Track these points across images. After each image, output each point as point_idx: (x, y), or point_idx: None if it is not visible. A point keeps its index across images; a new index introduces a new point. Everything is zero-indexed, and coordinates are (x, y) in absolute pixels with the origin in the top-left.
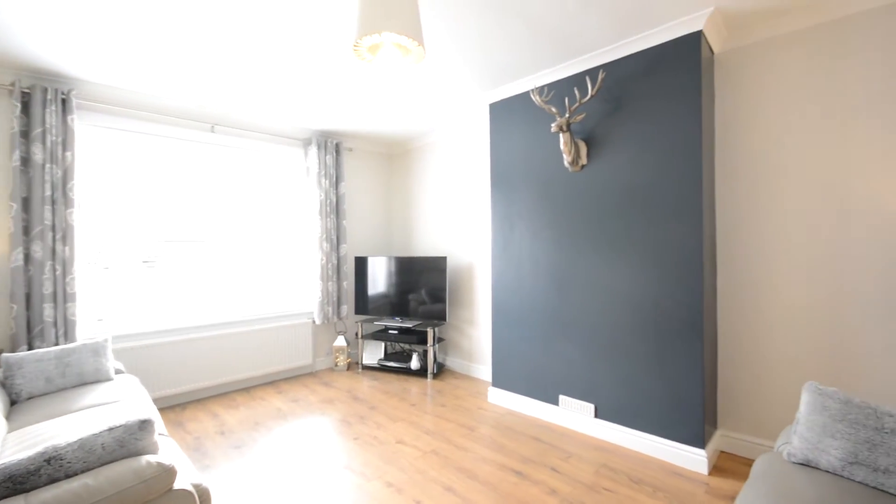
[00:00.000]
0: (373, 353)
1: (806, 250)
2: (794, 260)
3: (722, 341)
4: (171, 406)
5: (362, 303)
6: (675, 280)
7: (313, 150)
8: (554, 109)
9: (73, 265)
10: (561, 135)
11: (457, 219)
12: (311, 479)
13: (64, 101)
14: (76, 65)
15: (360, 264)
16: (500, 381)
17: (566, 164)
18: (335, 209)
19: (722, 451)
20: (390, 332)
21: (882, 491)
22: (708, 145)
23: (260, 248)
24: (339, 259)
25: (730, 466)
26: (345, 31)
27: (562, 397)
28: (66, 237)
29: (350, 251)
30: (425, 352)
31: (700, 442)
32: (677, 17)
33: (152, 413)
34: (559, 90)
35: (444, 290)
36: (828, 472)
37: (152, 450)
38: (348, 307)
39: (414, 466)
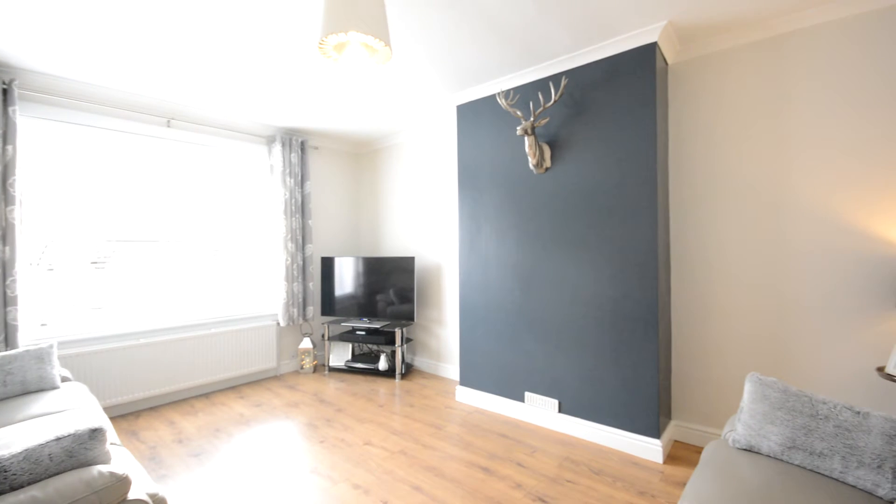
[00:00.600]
0: (340, 355)
1: (749, 251)
2: (739, 260)
3: (675, 337)
4: (124, 415)
5: (329, 304)
6: (633, 279)
7: (277, 147)
8: (519, 113)
9: (14, 266)
10: (526, 138)
11: (425, 219)
12: (275, 484)
13: (5, 92)
14: (19, 52)
15: (327, 265)
16: (467, 379)
17: (531, 166)
18: (300, 208)
19: (676, 441)
20: (358, 333)
21: (817, 473)
22: (662, 151)
23: (221, 249)
24: (304, 259)
25: (683, 454)
26: (310, 28)
27: (527, 394)
28: (6, 236)
29: (316, 251)
30: (393, 352)
31: (655, 432)
32: (633, 28)
33: (103, 422)
34: (524, 94)
35: (413, 290)
36: (769, 456)
37: (104, 459)
38: (314, 308)
39: (382, 467)
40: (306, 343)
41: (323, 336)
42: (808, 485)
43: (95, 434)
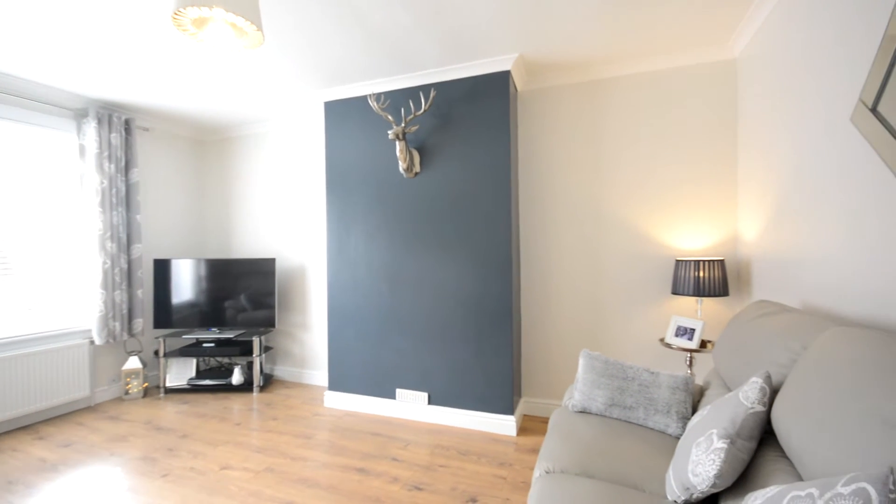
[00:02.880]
0: (180, 373)
1: (577, 252)
2: (570, 260)
3: (524, 326)
4: None
5: (164, 314)
6: (492, 277)
7: (91, 124)
8: (390, 118)
9: None
10: (397, 142)
11: (288, 218)
12: None
13: None
14: None
15: (162, 268)
16: (337, 383)
17: (401, 170)
18: (124, 201)
19: (525, 415)
20: (205, 345)
21: (629, 422)
22: (514, 165)
23: (5, 251)
24: (130, 262)
25: (531, 425)
26: None
27: (398, 390)
28: None
29: (147, 253)
30: (250, 364)
31: (510, 410)
32: (493, 55)
33: None
34: (395, 100)
35: (273, 294)
36: (597, 414)
37: None
38: (144, 321)
39: (246, 490)
40: (133, 363)
41: (157, 353)
42: (623, 432)
43: None
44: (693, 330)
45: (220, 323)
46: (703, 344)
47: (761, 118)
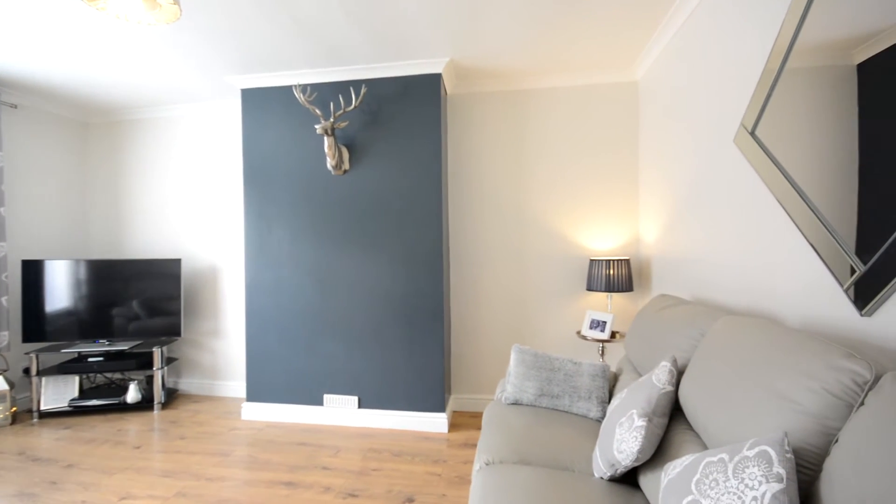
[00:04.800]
0: (60, 393)
1: (503, 252)
2: (496, 259)
3: (454, 324)
4: None
5: (36, 325)
6: (423, 276)
7: None
8: (318, 111)
9: None
10: (326, 138)
11: (197, 214)
12: None
13: None
14: None
15: (32, 270)
16: (256, 393)
17: (329, 167)
18: None
19: (455, 411)
20: (90, 360)
21: (557, 410)
22: (444, 166)
23: None
24: None
25: (461, 421)
26: None
27: (326, 396)
28: None
29: (13, 252)
30: (149, 378)
31: (441, 407)
32: (425, 56)
33: None
34: (323, 93)
35: (178, 298)
36: (528, 405)
37: None
38: (11, 333)
39: None
40: None
41: (27, 371)
42: (552, 419)
43: None
44: (605, 323)
45: (109, 334)
46: (613, 335)
47: (658, 135)
